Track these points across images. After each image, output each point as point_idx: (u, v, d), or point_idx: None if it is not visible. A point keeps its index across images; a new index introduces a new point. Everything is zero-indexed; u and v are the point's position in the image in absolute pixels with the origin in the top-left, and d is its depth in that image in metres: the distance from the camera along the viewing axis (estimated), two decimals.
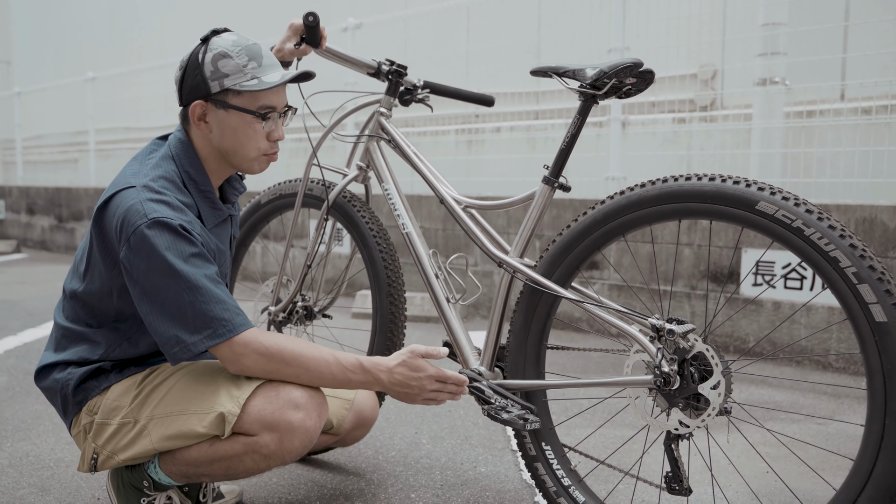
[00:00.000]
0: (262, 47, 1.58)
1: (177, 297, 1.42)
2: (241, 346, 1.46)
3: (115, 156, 8.78)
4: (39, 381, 1.64)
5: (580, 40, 4.53)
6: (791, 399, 2.88)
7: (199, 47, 1.54)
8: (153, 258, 1.41)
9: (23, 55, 12.28)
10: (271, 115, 1.56)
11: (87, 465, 1.60)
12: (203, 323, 1.43)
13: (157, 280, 1.42)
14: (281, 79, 1.53)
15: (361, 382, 1.55)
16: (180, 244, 1.44)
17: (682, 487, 1.51)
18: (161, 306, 1.43)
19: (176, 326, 1.43)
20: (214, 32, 1.55)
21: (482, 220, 1.83)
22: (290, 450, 1.50)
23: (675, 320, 1.49)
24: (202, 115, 1.55)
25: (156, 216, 1.43)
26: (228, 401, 1.49)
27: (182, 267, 1.42)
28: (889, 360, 1.28)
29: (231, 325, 1.45)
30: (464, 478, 2.08)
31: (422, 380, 1.55)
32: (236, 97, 1.52)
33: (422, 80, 2.04)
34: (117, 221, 1.45)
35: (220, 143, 1.57)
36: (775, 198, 1.38)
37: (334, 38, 5.48)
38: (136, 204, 1.44)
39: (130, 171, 1.54)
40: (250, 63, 1.52)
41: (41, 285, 5.91)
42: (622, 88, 1.59)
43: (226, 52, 1.51)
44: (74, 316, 1.61)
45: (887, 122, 3.42)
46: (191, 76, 1.53)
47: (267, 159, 1.61)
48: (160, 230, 1.42)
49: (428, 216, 4.81)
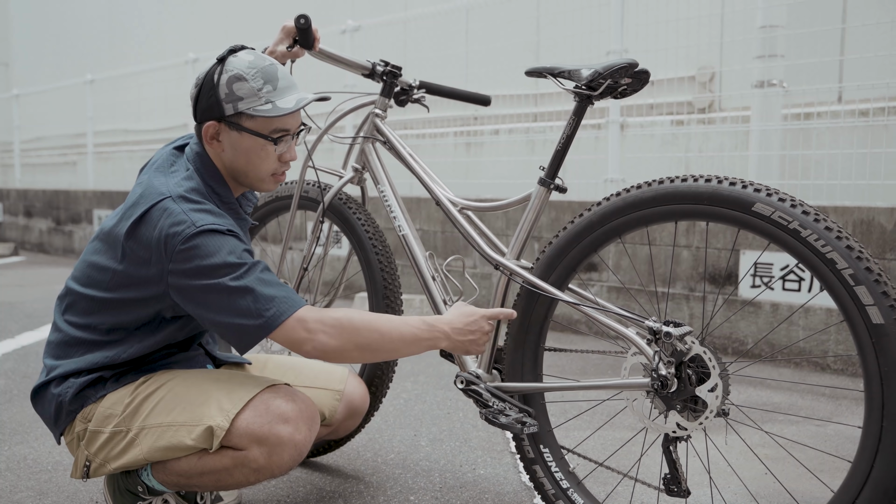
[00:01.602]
0: (279, 68, 1.56)
1: (235, 287, 1.42)
2: (312, 322, 1.45)
3: (113, 158, 8.78)
4: (35, 397, 1.62)
5: (579, 42, 4.53)
6: (789, 401, 2.88)
7: (215, 67, 1.53)
8: (207, 260, 1.42)
9: (21, 57, 12.29)
10: (284, 137, 1.56)
11: (80, 471, 1.60)
12: (265, 305, 1.42)
13: (214, 279, 1.42)
14: (295, 105, 1.52)
15: (428, 339, 1.56)
16: (231, 243, 1.45)
17: (680, 489, 1.51)
18: (221, 302, 1.42)
19: (241, 317, 1.42)
20: (231, 52, 1.54)
21: (478, 222, 1.83)
22: (279, 464, 1.50)
23: (672, 323, 1.49)
24: (215, 134, 1.55)
25: (203, 224, 1.44)
26: (218, 413, 1.49)
27: (236, 262, 1.43)
28: (886, 362, 1.28)
29: (291, 301, 1.45)
30: (463, 480, 2.07)
31: (478, 321, 1.61)
32: (250, 120, 1.52)
33: (417, 80, 2.04)
34: (160, 234, 1.44)
35: (232, 163, 1.58)
36: (772, 199, 1.38)
37: (333, 41, 5.48)
38: (181, 215, 1.45)
39: (159, 182, 1.53)
40: (266, 87, 1.51)
41: (39, 288, 5.91)
42: (617, 89, 1.59)
43: (241, 75, 1.50)
44: (83, 321, 1.59)
45: (885, 124, 3.42)
46: (206, 96, 1.52)
47: (275, 179, 1.62)
48: (210, 235, 1.44)
49: (427, 218, 4.81)
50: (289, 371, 1.88)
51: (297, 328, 1.44)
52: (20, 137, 10.09)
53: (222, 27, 8.35)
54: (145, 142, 8.35)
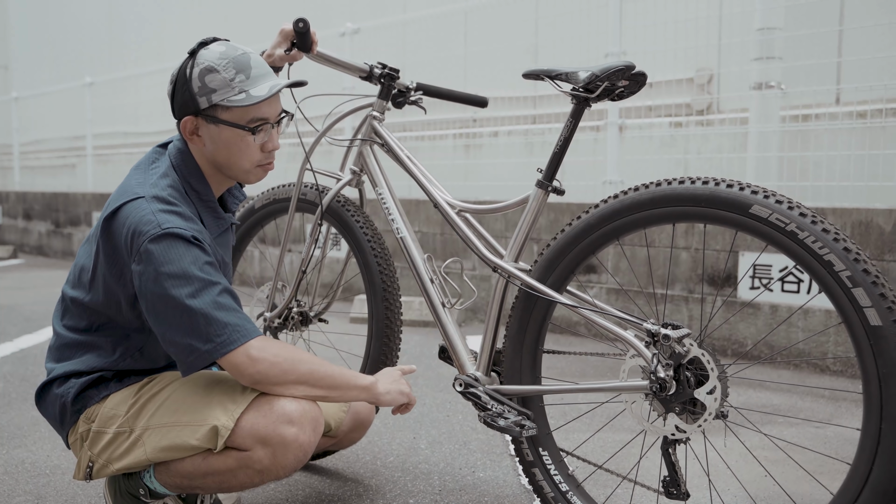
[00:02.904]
0: (252, 56, 1.54)
1: (189, 306, 1.41)
2: (257, 351, 1.45)
3: (112, 161, 8.78)
4: (39, 399, 1.63)
5: (577, 45, 4.53)
6: (788, 402, 2.88)
7: (186, 61, 1.51)
8: (166, 267, 1.41)
9: (21, 60, 12.28)
10: (263, 126, 1.54)
11: (83, 472, 1.59)
12: (217, 330, 1.42)
13: (169, 289, 1.41)
14: (269, 92, 1.50)
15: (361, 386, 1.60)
16: (194, 252, 1.44)
17: (679, 492, 1.51)
18: (173, 316, 1.42)
19: (190, 336, 1.41)
20: (202, 44, 1.53)
21: (476, 224, 1.83)
22: (283, 465, 1.49)
23: (670, 325, 1.49)
24: (194, 129, 1.54)
25: (169, 227, 1.42)
26: (222, 414, 1.48)
27: (196, 274, 1.42)
28: (885, 364, 1.28)
29: (244, 330, 1.44)
30: (462, 483, 2.07)
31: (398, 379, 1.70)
32: (225, 112, 1.51)
33: (414, 82, 2.04)
34: (127, 232, 1.44)
35: (214, 157, 1.56)
36: (769, 201, 1.38)
37: (332, 43, 5.49)
38: (148, 214, 1.44)
39: (136, 181, 1.53)
40: (238, 76, 1.49)
41: (38, 291, 5.90)
42: (615, 91, 1.59)
43: (212, 67, 1.48)
44: (78, 325, 1.59)
45: (882, 126, 3.43)
46: (180, 91, 1.51)
47: (262, 170, 1.60)
48: (173, 241, 1.42)
49: (426, 220, 4.81)
50: None
51: (242, 357, 1.44)
52: (19, 140, 10.08)
53: (221, 30, 8.35)
54: (144, 144, 8.34)
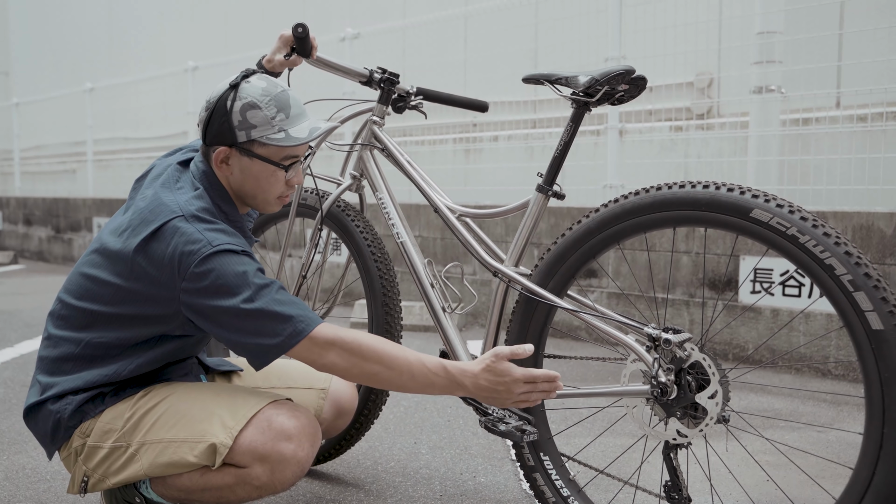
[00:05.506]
0: (291, 95, 1.56)
1: (251, 309, 1.42)
2: (324, 340, 1.45)
3: (113, 166, 8.80)
4: (29, 415, 1.59)
5: (577, 49, 4.54)
6: (790, 407, 2.87)
7: (227, 92, 1.52)
8: (224, 280, 1.42)
9: (21, 66, 12.32)
10: (294, 164, 1.58)
11: (78, 487, 1.58)
12: (282, 324, 1.43)
13: (231, 300, 1.42)
14: (308, 135, 1.54)
15: (444, 387, 1.48)
16: (246, 263, 1.46)
17: (681, 496, 1.51)
18: (240, 323, 1.43)
19: (258, 336, 1.43)
20: (244, 77, 1.54)
21: (477, 229, 1.83)
22: (281, 481, 1.50)
23: (671, 329, 1.49)
24: (225, 159, 1.56)
25: (219, 244, 1.45)
26: (221, 431, 1.49)
27: (253, 281, 1.44)
28: (886, 368, 1.27)
29: (308, 319, 1.46)
30: (463, 488, 2.07)
31: (509, 384, 1.44)
32: (262, 148, 1.53)
33: (414, 86, 2.04)
34: (174, 251, 1.44)
35: (240, 187, 1.59)
36: (770, 205, 1.38)
37: (332, 48, 5.50)
38: (195, 234, 1.45)
39: (169, 200, 1.52)
40: (279, 115, 1.52)
41: (38, 296, 5.90)
42: (615, 95, 1.59)
43: (255, 103, 1.51)
44: (78, 336, 1.56)
45: (883, 129, 3.43)
46: (217, 121, 1.52)
47: (281, 202, 1.63)
48: (226, 256, 1.45)
49: (426, 225, 4.81)
50: (272, 374, 1.87)
51: (311, 347, 1.46)
52: (20, 146, 10.10)
53: (221, 35, 8.37)
54: (145, 150, 8.36)
